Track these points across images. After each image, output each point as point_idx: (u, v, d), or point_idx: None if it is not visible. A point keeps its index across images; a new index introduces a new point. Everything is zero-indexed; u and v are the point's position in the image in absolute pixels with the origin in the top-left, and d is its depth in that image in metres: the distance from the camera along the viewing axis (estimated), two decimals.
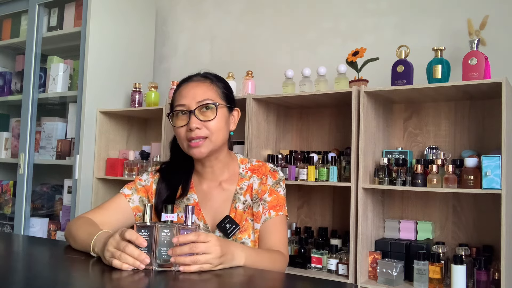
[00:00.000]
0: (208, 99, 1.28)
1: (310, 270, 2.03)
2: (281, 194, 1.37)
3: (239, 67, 2.58)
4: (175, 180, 1.38)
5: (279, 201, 1.35)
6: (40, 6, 2.81)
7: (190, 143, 1.27)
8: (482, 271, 1.69)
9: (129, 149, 2.81)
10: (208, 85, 1.32)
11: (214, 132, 1.28)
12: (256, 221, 1.33)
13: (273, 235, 1.31)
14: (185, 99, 1.29)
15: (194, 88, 1.30)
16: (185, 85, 1.32)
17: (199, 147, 1.27)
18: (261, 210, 1.33)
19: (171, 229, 1.01)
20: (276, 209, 1.34)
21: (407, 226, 2.02)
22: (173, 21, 3.06)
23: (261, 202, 1.34)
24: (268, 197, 1.35)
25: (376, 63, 2.08)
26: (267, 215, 1.33)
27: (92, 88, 2.57)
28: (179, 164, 1.41)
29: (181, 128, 1.28)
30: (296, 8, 2.60)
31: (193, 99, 1.28)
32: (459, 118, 2.05)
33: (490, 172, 1.64)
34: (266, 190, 1.36)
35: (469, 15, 2.01)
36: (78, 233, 1.19)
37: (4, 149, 3.02)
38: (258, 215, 1.33)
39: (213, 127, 1.28)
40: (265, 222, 1.32)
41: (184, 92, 1.30)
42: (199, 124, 1.26)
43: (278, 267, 1.24)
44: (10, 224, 2.82)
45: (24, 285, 0.87)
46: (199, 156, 1.29)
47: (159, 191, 1.37)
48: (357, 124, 1.91)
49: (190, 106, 1.27)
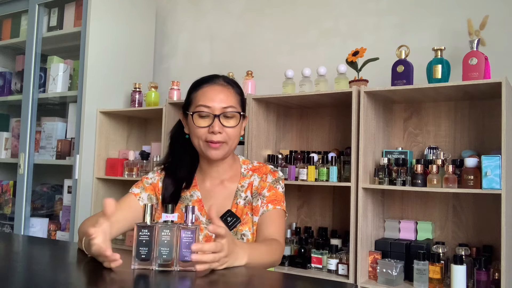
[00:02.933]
0: (232, 106, 1.35)
1: (310, 270, 2.03)
2: (279, 191, 1.41)
3: (239, 67, 2.58)
4: (180, 176, 1.42)
5: (277, 196, 1.39)
6: (40, 6, 2.81)
7: (210, 144, 1.33)
8: (482, 271, 1.69)
9: (129, 149, 2.81)
10: (231, 92, 1.38)
11: (232, 138, 1.35)
12: (254, 214, 1.37)
13: (270, 226, 1.34)
14: (210, 102, 1.33)
15: (220, 92, 1.35)
16: (210, 87, 1.36)
17: (217, 150, 1.34)
18: (260, 203, 1.37)
19: (171, 229, 1.02)
20: (274, 203, 1.38)
21: (407, 226, 2.03)
22: (173, 21, 3.06)
23: (260, 197, 1.39)
24: (267, 192, 1.39)
25: (376, 63, 2.08)
26: (264, 208, 1.37)
27: (92, 88, 2.57)
28: (182, 158, 1.44)
29: (202, 128, 1.33)
30: (296, 8, 2.59)
31: (219, 103, 1.33)
32: (459, 118, 2.05)
33: (490, 172, 1.64)
34: (265, 186, 1.40)
35: (469, 15, 2.01)
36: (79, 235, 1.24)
37: (4, 149, 3.02)
38: (256, 209, 1.38)
39: (232, 134, 1.35)
40: (262, 214, 1.36)
41: (210, 95, 1.34)
42: (221, 129, 1.32)
43: (276, 256, 1.28)
44: (10, 224, 2.82)
45: (24, 285, 0.87)
46: (215, 158, 1.35)
47: (166, 186, 1.41)
48: (357, 124, 1.91)
49: (215, 109, 1.33)
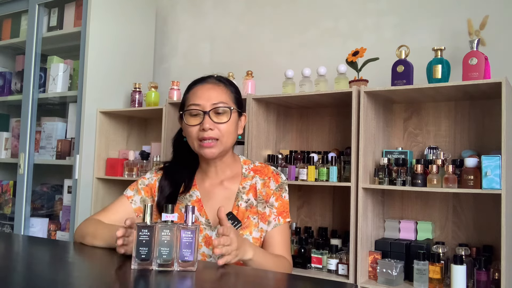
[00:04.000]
0: (223, 102, 1.34)
1: (310, 270, 2.03)
2: (285, 199, 1.42)
3: (239, 67, 2.58)
4: (178, 177, 1.42)
5: (285, 207, 1.41)
6: (40, 6, 2.81)
7: (202, 143, 1.32)
8: (482, 271, 1.69)
9: (129, 149, 2.81)
10: (222, 89, 1.37)
11: (225, 135, 1.33)
12: (262, 221, 1.37)
13: (279, 243, 1.37)
14: (200, 100, 1.33)
15: (209, 90, 1.35)
16: (200, 86, 1.37)
17: (211, 148, 1.32)
18: (268, 212, 1.38)
19: (171, 229, 1.02)
20: (283, 215, 1.39)
21: (407, 226, 2.03)
22: (173, 21, 3.06)
23: (267, 205, 1.39)
24: (275, 202, 1.40)
25: (376, 63, 2.08)
26: (276, 222, 1.38)
27: (92, 88, 2.57)
28: (183, 161, 1.45)
29: (194, 127, 1.33)
30: (296, 8, 2.59)
31: (208, 100, 1.32)
32: (459, 118, 2.05)
33: (490, 172, 1.64)
34: (270, 194, 1.40)
35: (469, 15, 2.01)
36: (98, 230, 1.26)
37: (4, 149, 3.02)
38: (264, 216, 1.38)
39: (225, 130, 1.33)
40: (275, 227, 1.37)
41: (199, 93, 1.35)
42: (212, 125, 1.31)
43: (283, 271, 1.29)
44: (10, 224, 2.82)
45: (24, 285, 0.87)
46: (210, 156, 1.34)
47: (162, 188, 1.41)
48: (357, 124, 1.91)
49: (205, 107, 1.32)
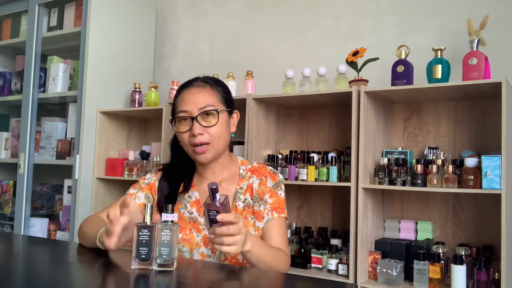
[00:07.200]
0: (210, 105, 1.33)
1: (310, 270, 2.03)
2: (281, 196, 1.42)
3: (239, 67, 2.58)
4: (177, 178, 1.43)
5: (280, 203, 1.40)
6: (40, 6, 2.81)
7: (195, 149, 1.32)
8: (482, 271, 1.69)
9: (129, 149, 2.81)
10: (208, 91, 1.36)
11: (216, 138, 1.33)
12: (257, 219, 1.37)
13: (276, 236, 1.36)
14: (187, 105, 1.33)
15: (195, 94, 1.34)
16: (187, 91, 1.36)
17: (204, 153, 1.32)
18: (263, 209, 1.38)
19: (171, 229, 1.02)
20: (278, 211, 1.38)
21: (407, 226, 2.03)
22: (173, 21, 3.06)
23: (262, 202, 1.39)
24: (269, 198, 1.39)
25: (376, 63, 2.08)
26: (270, 216, 1.37)
27: (92, 88, 2.57)
28: (181, 163, 1.45)
29: (185, 133, 1.33)
30: (296, 8, 2.59)
31: (195, 105, 1.32)
32: (459, 118, 2.05)
33: (490, 172, 1.64)
34: (266, 191, 1.40)
35: (469, 15, 2.01)
36: (88, 230, 1.26)
37: (4, 149, 3.02)
38: (259, 214, 1.37)
39: (215, 133, 1.33)
40: (268, 222, 1.36)
41: (186, 98, 1.34)
42: (202, 130, 1.31)
43: (282, 264, 1.30)
44: (10, 224, 2.82)
45: (24, 285, 0.87)
46: (204, 161, 1.35)
47: (161, 188, 1.42)
48: (357, 124, 1.91)
49: (192, 112, 1.32)
